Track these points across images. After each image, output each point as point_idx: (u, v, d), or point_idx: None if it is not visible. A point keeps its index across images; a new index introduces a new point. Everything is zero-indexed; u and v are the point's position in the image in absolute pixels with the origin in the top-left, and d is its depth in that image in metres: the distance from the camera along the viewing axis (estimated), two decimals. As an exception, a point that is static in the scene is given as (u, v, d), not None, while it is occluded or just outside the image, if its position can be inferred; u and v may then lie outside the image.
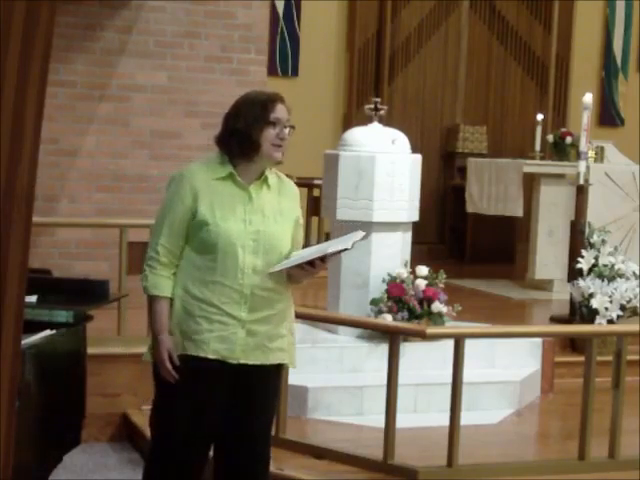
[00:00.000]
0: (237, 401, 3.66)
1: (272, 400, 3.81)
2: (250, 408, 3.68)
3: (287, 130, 3.63)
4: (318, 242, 9.45)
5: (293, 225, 3.72)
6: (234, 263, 3.55)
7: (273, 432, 5.10)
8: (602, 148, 9.11)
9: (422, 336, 5.14)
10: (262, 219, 3.61)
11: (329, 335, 6.28)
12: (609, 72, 12.36)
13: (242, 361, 3.60)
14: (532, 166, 9.10)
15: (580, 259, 7.09)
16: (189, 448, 3.64)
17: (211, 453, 3.77)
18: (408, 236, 6.44)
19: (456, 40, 11.60)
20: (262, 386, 3.70)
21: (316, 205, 9.01)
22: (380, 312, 6.11)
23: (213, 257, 3.55)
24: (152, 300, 3.62)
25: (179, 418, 3.61)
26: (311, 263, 3.59)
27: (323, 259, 3.59)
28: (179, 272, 3.60)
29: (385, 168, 6.21)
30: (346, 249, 3.60)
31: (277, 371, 3.76)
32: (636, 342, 5.80)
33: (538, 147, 9.69)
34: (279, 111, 3.62)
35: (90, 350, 4.51)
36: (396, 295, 6.13)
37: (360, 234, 3.69)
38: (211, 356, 3.57)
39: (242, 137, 3.58)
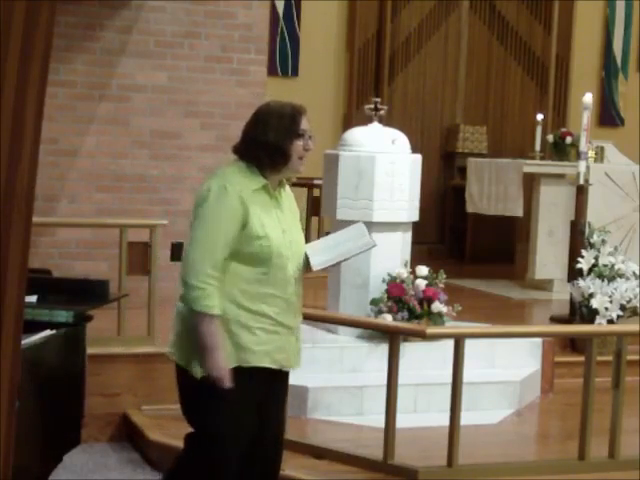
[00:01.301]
0: (265, 404, 3.74)
1: (286, 401, 4.00)
2: (274, 410, 3.82)
3: (311, 141, 3.71)
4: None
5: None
6: (284, 274, 3.64)
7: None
8: (602, 148, 9.11)
9: (422, 336, 5.14)
10: (290, 227, 3.71)
11: (329, 335, 6.28)
12: (609, 72, 12.36)
13: (295, 367, 3.81)
14: (532, 166, 9.10)
15: (580, 259, 7.09)
16: (237, 451, 3.68)
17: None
18: (408, 236, 6.44)
19: (456, 40, 11.60)
20: (283, 388, 3.88)
21: (316, 205, 9.01)
22: (380, 312, 6.11)
23: (265, 270, 3.59)
24: (209, 317, 3.52)
25: (244, 425, 3.66)
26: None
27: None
28: (226, 286, 3.56)
29: (385, 168, 6.21)
30: (374, 246, 3.92)
31: (288, 376, 3.92)
32: (636, 342, 5.80)
33: (538, 147, 9.69)
34: (305, 123, 3.70)
35: (90, 350, 4.51)
36: (396, 295, 6.13)
37: (361, 228, 3.90)
38: (272, 366, 3.67)
39: (273, 149, 3.62)
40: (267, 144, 3.62)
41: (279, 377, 3.78)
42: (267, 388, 3.72)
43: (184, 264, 3.55)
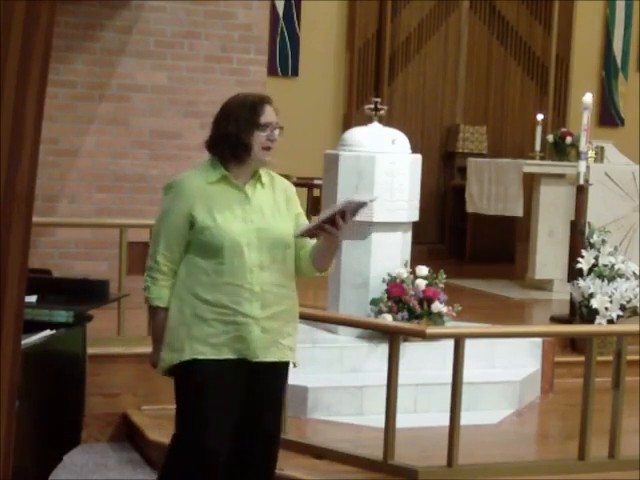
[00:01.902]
0: (253, 400, 3.70)
1: (280, 400, 3.88)
2: (265, 406, 3.74)
3: (276, 132, 3.66)
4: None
5: (294, 219, 3.75)
6: (241, 262, 3.59)
7: (273, 432, 5.14)
8: (602, 148, 9.11)
9: (422, 336, 5.14)
10: (262, 217, 3.65)
11: (329, 335, 6.28)
12: (609, 72, 12.36)
13: (260, 359, 3.65)
14: (532, 166, 9.10)
15: (580, 259, 7.09)
16: (219, 447, 3.66)
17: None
18: (408, 236, 6.44)
19: (456, 40, 11.60)
20: (275, 384, 3.78)
21: (316, 205, 9.01)
22: (380, 312, 6.11)
23: (220, 259, 3.59)
24: (153, 309, 3.71)
25: (206, 419, 3.64)
26: (332, 222, 3.56)
27: (343, 216, 3.55)
28: (186, 279, 3.64)
29: (385, 168, 6.21)
30: (365, 202, 3.59)
31: (285, 372, 3.84)
32: (636, 342, 5.80)
33: (538, 147, 9.69)
34: (268, 113, 3.66)
35: (90, 350, 4.51)
36: (396, 295, 6.13)
37: (370, 196, 3.79)
38: (232, 356, 3.62)
39: (233, 140, 3.62)
40: (228, 135, 3.63)
41: (269, 372, 3.70)
42: (251, 382, 3.67)
43: None
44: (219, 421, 3.64)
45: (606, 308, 6.80)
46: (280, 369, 3.78)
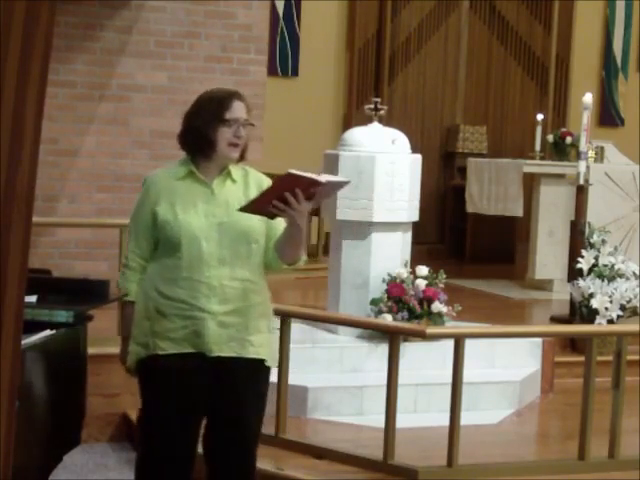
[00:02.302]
0: (222, 399, 3.65)
1: (256, 401, 3.73)
2: (234, 406, 3.67)
3: (243, 129, 3.60)
4: (318, 241, 9.47)
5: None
6: (199, 256, 3.56)
7: (273, 432, 5.14)
8: (602, 148, 9.11)
9: (422, 336, 5.14)
10: (226, 211, 3.60)
11: (329, 335, 6.28)
12: (609, 72, 12.36)
13: (216, 353, 3.59)
14: (532, 166, 9.10)
15: (580, 259, 7.09)
16: (176, 447, 3.65)
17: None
18: (408, 236, 6.44)
19: (456, 40, 11.60)
20: (245, 384, 3.67)
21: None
22: (380, 312, 6.11)
23: (179, 254, 3.58)
24: (123, 305, 3.78)
25: (166, 417, 3.63)
26: (283, 200, 3.39)
27: (294, 193, 3.38)
28: (151, 275, 3.65)
29: (385, 168, 6.21)
30: (318, 182, 3.38)
31: (260, 371, 3.70)
32: (636, 342, 5.80)
33: (538, 147, 9.69)
34: (235, 109, 3.60)
35: (90, 350, 4.51)
36: (396, 295, 6.13)
37: (337, 178, 3.62)
38: (191, 350, 3.59)
39: (198, 135, 3.60)
40: (193, 130, 3.61)
41: (238, 370, 3.62)
42: (218, 381, 3.61)
43: None
44: (183, 420, 3.62)
45: (606, 308, 6.80)
46: (249, 370, 3.65)
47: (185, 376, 3.61)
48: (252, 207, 3.47)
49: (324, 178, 3.43)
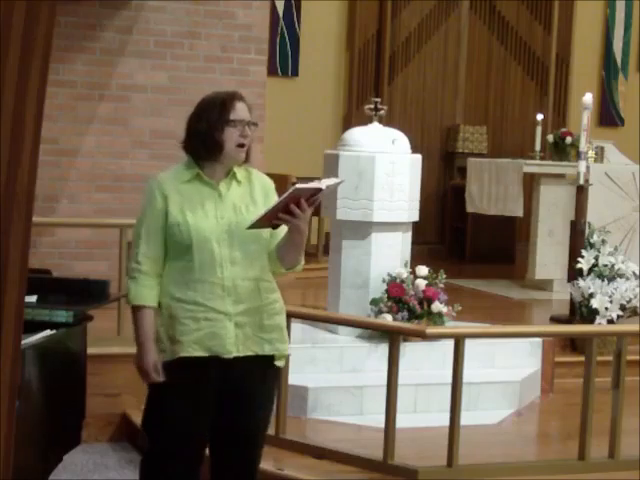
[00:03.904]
0: (230, 399, 3.64)
1: (267, 400, 3.75)
2: (243, 406, 3.66)
3: (248, 128, 3.62)
4: (318, 241, 9.47)
5: None
6: (211, 258, 3.55)
7: (273, 432, 5.14)
8: (602, 148, 9.12)
9: (422, 336, 5.14)
10: (234, 213, 3.60)
11: (329, 335, 6.28)
12: (609, 72, 12.36)
13: (234, 354, 3.58)
14: (532, 166, 9.11)
15: (580, 259, 7.09)
16: (186, 448, 3.64)
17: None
18: (408, 236, 6.44)
19: (456, 40, 11.60)
20: (260, 383, 3.67)
21: (316, 205, 9.00)
22: (380, 312, 6.11)
23: (189, 257, 3.56)
24: (135, 310, 3.64)
25: (178, 419, 3.61)
26: (288, 211, 3.44)
27: (298, 204, 3.44)
28: (164, 280, 3.62)
29: (385, 168, 6.21)
30: (320, 189, 3.45)
31: (273, 371, 3.73)
32: (636, 342, 5.81)
33: (538, 147, 9.69)
34: (239, 110, 3.62)
35: (90, 350, 4.51)
36: (396, 295, 6.13)
37: (334, 180, 3.61)
38: (203, 354, 3.57)
39: (205, 138, 3.59)
40: (200, 133, 3.61)
41: (247, 370, 3.61)
42: (225, 382, 3.60)
43: None
44: (188, 424, 3.60)
45: (606, 308, 6.80)
46: (262, 367, 3.66)
47: (192, 378, 3.59)
48: (260, 223, 3.49)
49: (324, 184, 3.46)
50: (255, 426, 3.72)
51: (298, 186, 3.41)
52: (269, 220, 3.49)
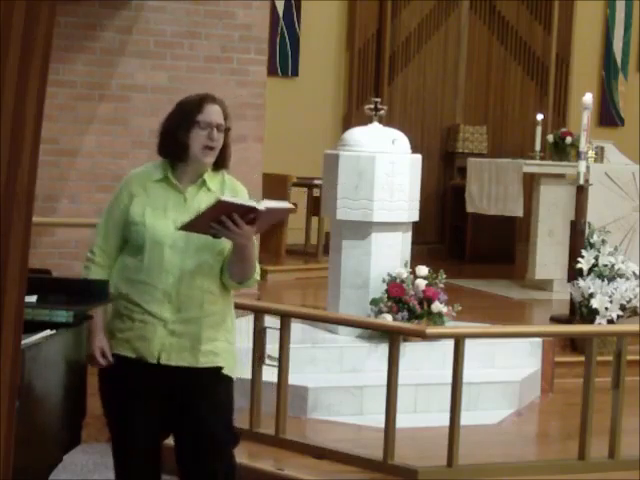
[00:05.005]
0: (181, 414, 3.61)
1: (215, 412, 3.63)
2: (193, 421, 3.60)
3: (216, 132, 3.55)
4: (318, 241, 9.46)
5: None
6: (159, 262, 3.52)
7: (273, 432, 5.15)
8: (602, 148, 9.12)
9: (422, 336, 5.15)
10: None
11: (329, 335, 6.29)
12: (609, 72, 12.36)
13: (164, 362, 3.54)
14: (532, 166, 9.11)
15: (580, 259, 7.09)
16: (129, 440, 3.68)
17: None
18: (408, 236, 6.44)
19: (456, 40, 11.60)
20: (201, 397, 3.60)
21: (316, 205, 9.01)
22: (380, 312, 6.11)
23: (140, 257, 3.55)
24: None
25: (117, 410, 3.70)
26: (219, 221, 3.38)
27: (231, 217, 3.36)
28: (114, 274, 3.63)
29: (385, 168, 6.21)
30: (254, 209, 3.37)
31: (215, 377, 3.62)
32: (636, 342, 5.81)
33: (538, 147, 9.69)
34: (208, 112, 3.57)
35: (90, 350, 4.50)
36: (396, 295, 6.13)
37: (281, 204, 3.59)
38: (130, 354, 3.58)
39: (169, 138, 3.59)
40: (166, 133, 3.61)
41: (190, 379, 3.57)
42: (168, 389, 3.58)
43: None
44: (126, 417, 3.66)
45: (606, 308, 6.80)
46: (206, 377, 3.59)
47: (128, 377, 3.61)
48: (190, 227, 3.46)
49: (263, 205, 3.40)
50: (210, 438, 3.61)
51: (222, 198, 3.39)
52: (200, 227, 3.44)
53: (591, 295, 6.86)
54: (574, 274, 7.11)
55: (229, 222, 3.37)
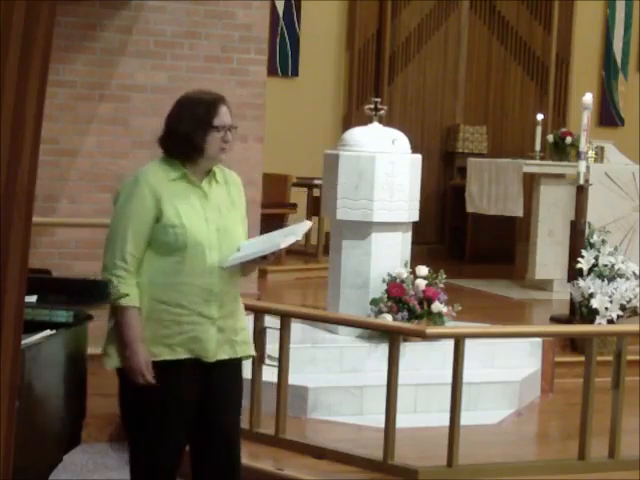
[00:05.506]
0: (210, 401, 3.65)
1: (240, 399, 3.81)
2: (222, 408, 3.69)
3: (230, 134, 3.60)
4: (318, 241, 9.47)
5: (243, 215, 3.74)
6: (202, 263, 3.54)
7: (273, 432, 5.15)
8: (602, 148, 9.12)
9: (422, 336, 5.15)
10: (219, 215, 3.61)
11: (329, 335, 6.29)
12: (609, 72, 12.36)
13: (215, 358, 3.61)
14: (532, 166, 9.11)
15: (580, 259, 7.09)
16: (166, 450, 3.65)
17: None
18: (408, 236, 6.44)
19: (456, 40, 11.60)
20: (231, 384, 3.72)
21: (316, 205, 9.01)
22: (380, 312, 6.11)
23: (180, 259, 3.53)
24: (124, 310, 3.57)
25: (161, 420, 3.61)
26: (264, 256, 3.64)
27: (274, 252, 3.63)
28: (143, 278, 3.56)
29: (385, 168, 6.21)
30: (298, 240, 3.70)
31: (239, 369, 3.78)
32: (636, 342, 5.80)
33: (538, 147, 9.69)
34: (222, 115, 3.60)
35: (90, 350, 4.51)
36: (396, 295, 6.13)
37: (307, 224, 3.80)
38: (187, 356, 3.58)
39: (185, 141, 3.57)
40: (180, 135, 3.59)
41: (224, 371, 3.65)
42: (207, 383, 3.63)
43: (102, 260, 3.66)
44: (172, 427, 3.61)
45: (606, 308, 6.80)
46: (234, 368, 3.71)
47: (179, 379, 3.60)
48: (238, 263, 3.67)
49: (294, 238, 3.67)
50: (233, 424, 3.75)
51: (282, 245, 3.63)
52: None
53: (591, 295, 6.86)
54: (574, 274, 7.11)
55: (272, 256, 3.63)
